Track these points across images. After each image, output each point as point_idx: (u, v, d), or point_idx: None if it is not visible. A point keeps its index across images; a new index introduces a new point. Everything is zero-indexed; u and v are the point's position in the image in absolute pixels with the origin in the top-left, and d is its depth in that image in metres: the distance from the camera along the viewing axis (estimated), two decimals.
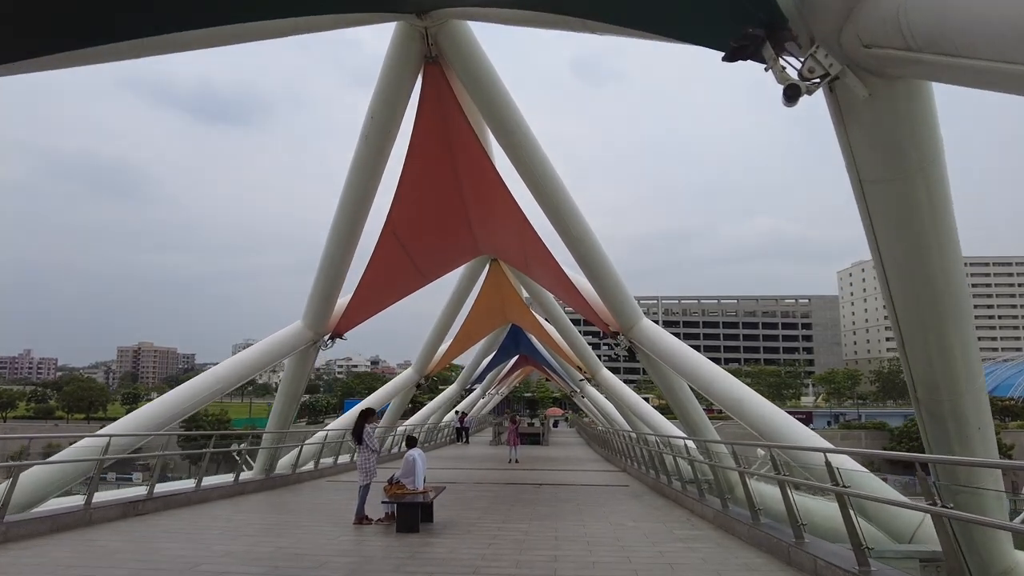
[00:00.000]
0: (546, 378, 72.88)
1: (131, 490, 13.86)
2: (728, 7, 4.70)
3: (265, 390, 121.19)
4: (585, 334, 31.83)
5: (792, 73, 4.53)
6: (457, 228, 17.20)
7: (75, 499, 10.54)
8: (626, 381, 29.60)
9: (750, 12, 4.42)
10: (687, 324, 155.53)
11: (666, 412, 24.28)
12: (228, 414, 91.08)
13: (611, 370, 26.73)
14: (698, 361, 13.55)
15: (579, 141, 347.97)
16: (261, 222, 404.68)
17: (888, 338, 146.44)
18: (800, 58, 4.50)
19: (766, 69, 4.58)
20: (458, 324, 27.62)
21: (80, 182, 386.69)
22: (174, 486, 13.74)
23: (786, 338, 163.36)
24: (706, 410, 16.53)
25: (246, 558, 7.66)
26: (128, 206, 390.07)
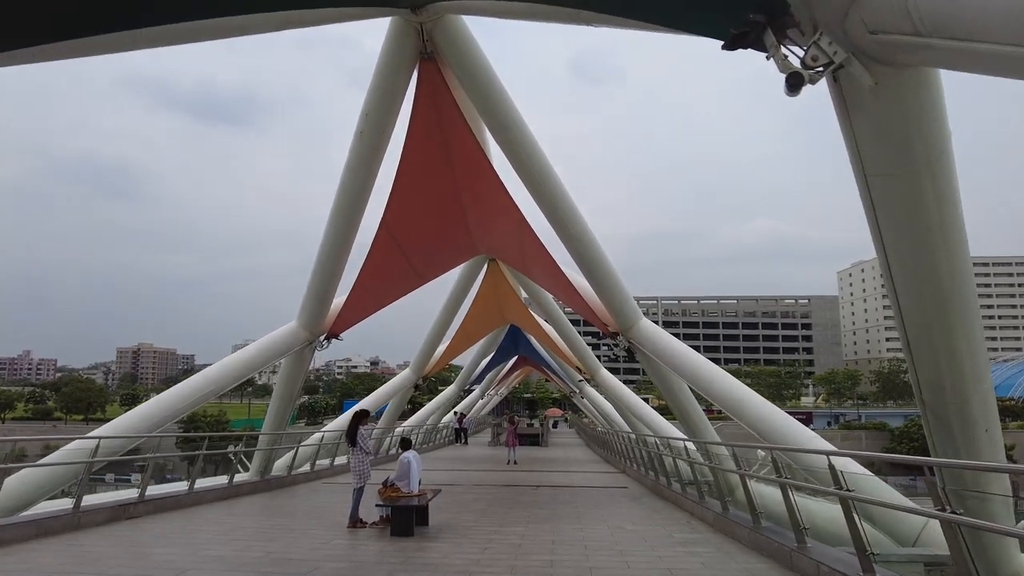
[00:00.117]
0: (545, 379, 72.78)
1: (122, 493, 13.68)
2: None
3: (265, 391, 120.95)
4: (584, 334, 31.72)
5: (794, 62, 4.36)
6: (454, 227, 17.04)
7: (64, 502, 10.35)
8: (625, 382, 29.43)
9: None
10: (687, 324, 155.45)
11: (666, 413, 24.07)
12: (227, 415, 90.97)
13: (610, 370, 26.57)
14: (698, 361, 13.39)
15: (578, 141, 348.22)
16: (261, 222, 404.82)
17: (888, 338, 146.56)
18: (803, 46, 4.33)
19: (767, 58, 4.40)
20: (456, 324, 27.46)
21: (80, 183, 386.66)
22: (166, 488, 13.54)
23: (786, 338, 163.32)
24: (706, 411, 16.37)
25: (235, 563, 7.49)
26: (128, 207, 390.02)
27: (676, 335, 15.00)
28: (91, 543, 8.41)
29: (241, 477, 15.75)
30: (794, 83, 4.21)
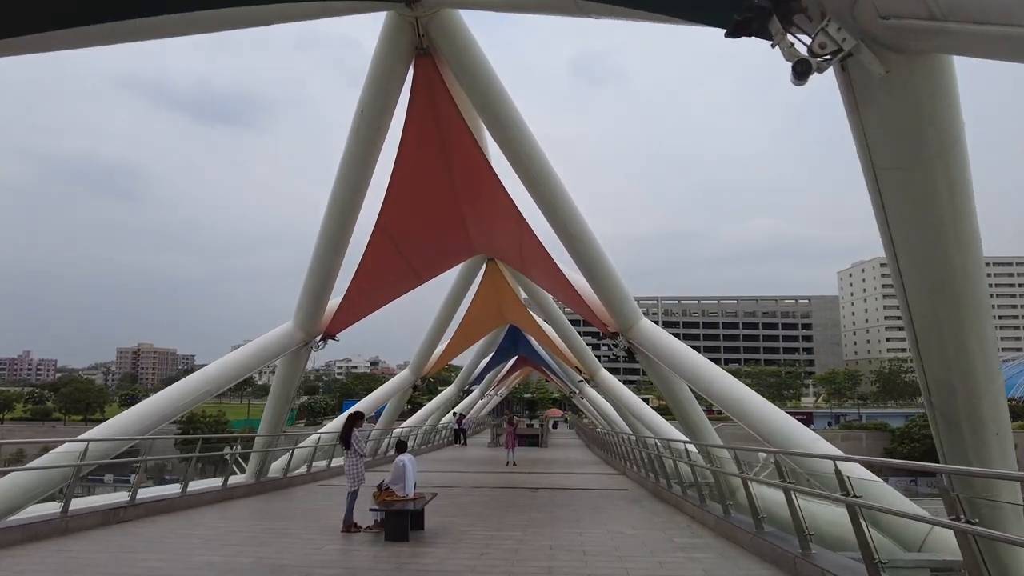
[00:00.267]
0: (545, 379, 72.57)
1: (112, 496, 13.47)
2: None
3: (265, 391, 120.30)
4: (584, 334, 31.52)
5: (801, 50, 4.16)
6: (452, 226, 16.83)
7: (53, 506, 10.14)
8: (625, 382, 29.24)
9: None
10: (687, 324, 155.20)
11: (666, 413, 23.84)
12: (226, 415, 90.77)
13: (610, 371, 26.36)
14: (698, 361, 13.19)
15: (578, 141, 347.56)
16: (262, 222, 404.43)
17: (889, 338, 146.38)
18: (810, 33, 4.13)
19: (772, 46, 4.19)
20: (455, 325, 27.26)
21: (80, 183, 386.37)
22: (159, 491, 13.35)
23: (786, 338, 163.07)
24: (706, 411, 16.15)
25: (224, 569, 7.30)
26: (128, 207, 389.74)
27: (676, 335, 14.80)
28: (79, 549, 8.23)
29: (237, 479, 15.55)
30: (801, 71, 3.99)
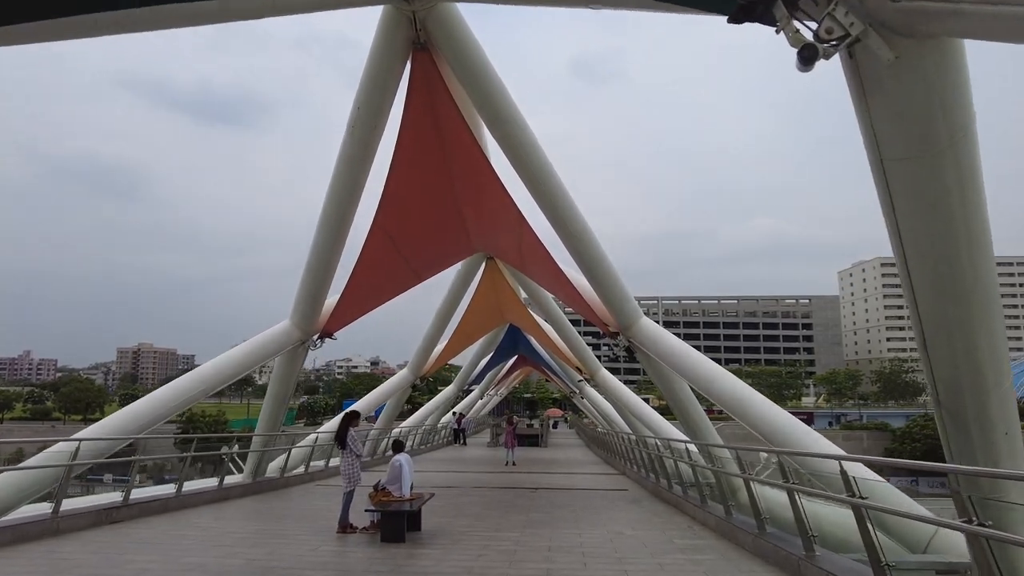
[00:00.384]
0: (545, 379, 72.38)
1: (105, 496, 13.33)
2: None
3: (264, 391, 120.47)
4: (584, 334, 31.39)
5: (807, 36, 4.02)
6: (450, 224, 16.68)
7: (45, 506, 10.00)
8: (626, 382, 29.08)
9: None
10: (687, 324, 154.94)
11: (666, 413, 23.72)
12: (226, 415, 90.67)
13: (611, 370, 26.21)
14: (699, 360, 13.04)
15: (578, 141, 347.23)
16: (262, 222, 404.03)
17: (889, 338, 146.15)
18: (816, 18, 3.98)
19: (777, 31, 4.04)
20: (454, 324, 27.11)
21: (80, 183, 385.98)
22: (153, 491, 13.21)
23: (787, 338, 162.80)
24: (706, 411, 16.02)
25: (216, 571, 7.17)
26: (128, 207, 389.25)
27: (677, 335, 14.66)
28: (69, 550, 8.08)
29: (234, 479, 15.42)
30: (808, 56, 3.85)
